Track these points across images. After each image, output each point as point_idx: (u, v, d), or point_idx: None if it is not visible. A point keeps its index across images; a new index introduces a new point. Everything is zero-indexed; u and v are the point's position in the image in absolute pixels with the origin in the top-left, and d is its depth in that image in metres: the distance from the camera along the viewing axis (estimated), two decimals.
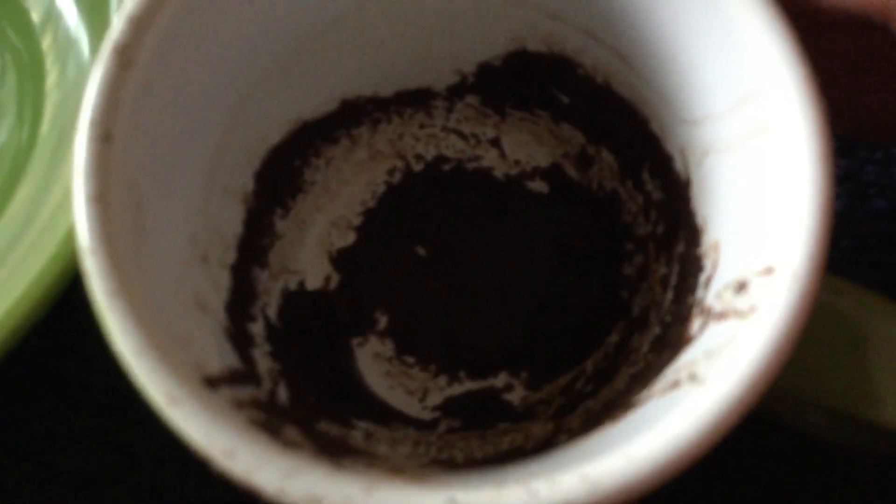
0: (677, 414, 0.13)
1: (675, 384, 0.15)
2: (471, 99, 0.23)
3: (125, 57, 0.14)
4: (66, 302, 0.20)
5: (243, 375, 0.16)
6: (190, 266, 0.17)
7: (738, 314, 0.14)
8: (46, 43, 0.26)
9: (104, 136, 0.14)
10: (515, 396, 0.21)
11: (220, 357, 0.16)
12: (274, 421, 0.14)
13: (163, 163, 0.16)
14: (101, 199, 0.14)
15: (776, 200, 0.14)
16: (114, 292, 0.14)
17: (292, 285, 0.22)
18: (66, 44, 0.25)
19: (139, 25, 0.14)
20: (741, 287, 0.15)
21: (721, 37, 0.15)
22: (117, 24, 0.14)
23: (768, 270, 0.14)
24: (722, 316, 0.15)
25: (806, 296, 0.13)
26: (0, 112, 0.26)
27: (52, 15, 0.26)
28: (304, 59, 0.20)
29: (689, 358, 0.15)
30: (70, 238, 0.21)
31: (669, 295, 0.19)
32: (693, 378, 0.14)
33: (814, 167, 0.14)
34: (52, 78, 0.25)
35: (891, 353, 0.17)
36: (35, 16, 0.26)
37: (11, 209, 0.24)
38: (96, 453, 0.23)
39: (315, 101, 0.21)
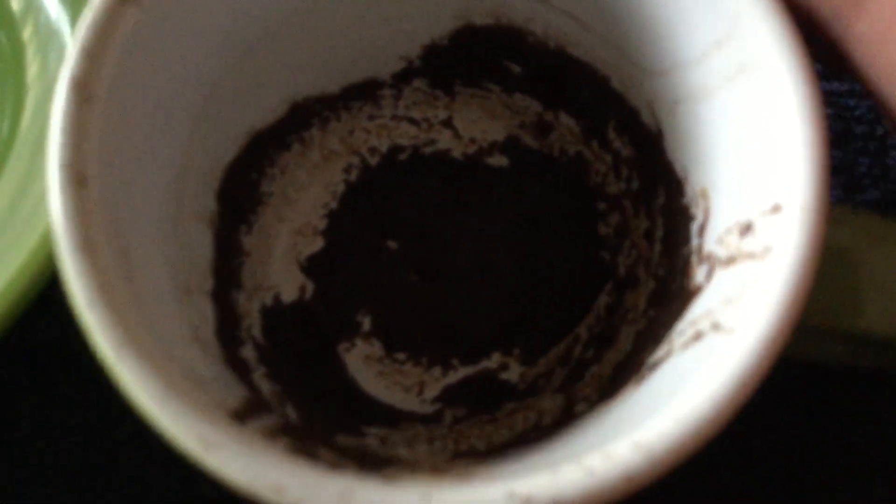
0: (713, 366, 0.13)
1: (697, 336, 0.15)
2: (418, 83, 0.22)
3: (85, 91, 0.13)
4: (47, 298, 0.20)
5: (258, 404, 0.16)
6: (178, 301, 0.16)
7: (750, 256, 0.14)
8: (27, 33, 0.25)
9: (79, 179, 0.13)
10: (513, 374, 0.21)
11: (232, 390, 0.15)
12: (308, 444, 0.14)
13: (136, 198, 0.15)
14: (89, 247, 0.13)
15: (769, 138, 0.14)
16: (121, 343, 0.13)
17: (268, 301, 0.21)
18: (47, 35, 0.24)
19: (94, 57, 0.13)
20: (746, 229, 0.15)
21: None
22: (72, 56, 0.13)
23: (775, 209, 0.14)
24: (730, 261, 0.15)
25: (818, 229, 0.14)
26: None
27: (32, 5, 0.25)
28: (249, 69, 0.19)
29: (705, 307, 0.15)
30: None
31: (658, 248, 0.19)
32: (717, 327, 0.14)
33: (802, 101, 0.14)
34: (33, 70, 0.24)
35: (872, 264, 0.17)
36: (15, 5, 0.26)
37: None
38: (80, 451, 0.22)
39: (264, 110, 0.20)
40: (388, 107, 0.23)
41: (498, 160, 0.23)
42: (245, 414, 0.14)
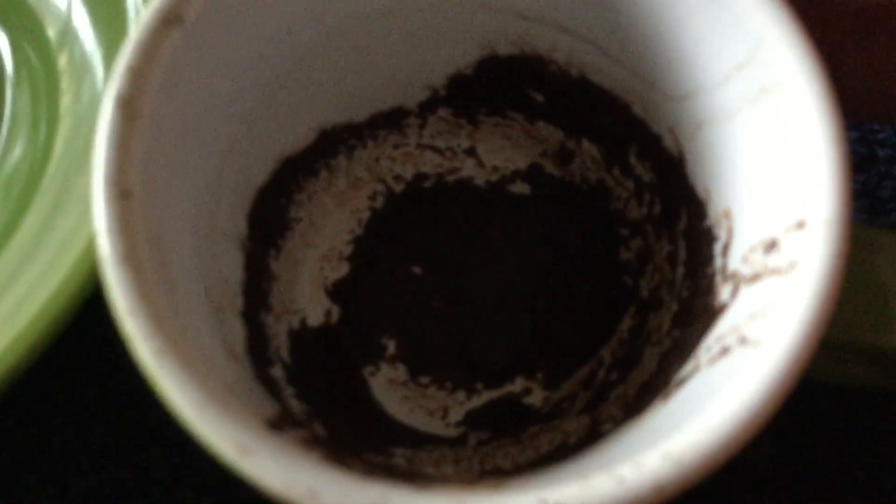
0: (741, 377, 0.13)
1: (724, 351, 0.15)
2: (442, 112, 0.23)
3: (130, 109, 0.14)
4: (83, 319, 0.20)
5: (290, 417, 0.16)
6: (212, 317, 0.16)
7: (776, 272, 0.15)
8: (63, 61, 0.26)
9: (123, 193, 0.13)
10: (536, 399, 0.21)
11: (264, 403, 0.16)
12: (340, 455, 0.14)
13: (174, 215, 0.15)
14: (131, 258, 0.13)
15: (792, 156, 0.15)
16: (161, 351, 0.13)
17: (295, 325, 0.21)
18: (81, 64, 0.25)
19: (139, 75, 0.14)
20: (771, 246, 0.15)
21: (710, 11, 0.16)
22: (117, 75, 0.14)
23: (799, 225, 0.14)
24: (756, 278, 0.15)
25: (842, 243, 0.14)
26: (16, 126, 0.26)
27: (68, 33, 0.26)
28: (282, 96, 0.19)
29: (730, 324, 0.15)
30: (88, 255, 0.21)
31: (681, 270, 0.19)
32: (744, 342, 0.15)
33: (825, 119, 0.14)
34: (67, 99, 0.25)
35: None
36: (51, 32, 0.26)
37: (27, 224, 0.23)
38: (112, 471, 0.22)
39: (294, 136, 0.21)
40: (413, 136, 0.23)
41: (520, 188, 0.23)
42: (279, 424, 0.14)
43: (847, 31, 0.21)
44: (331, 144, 0.22)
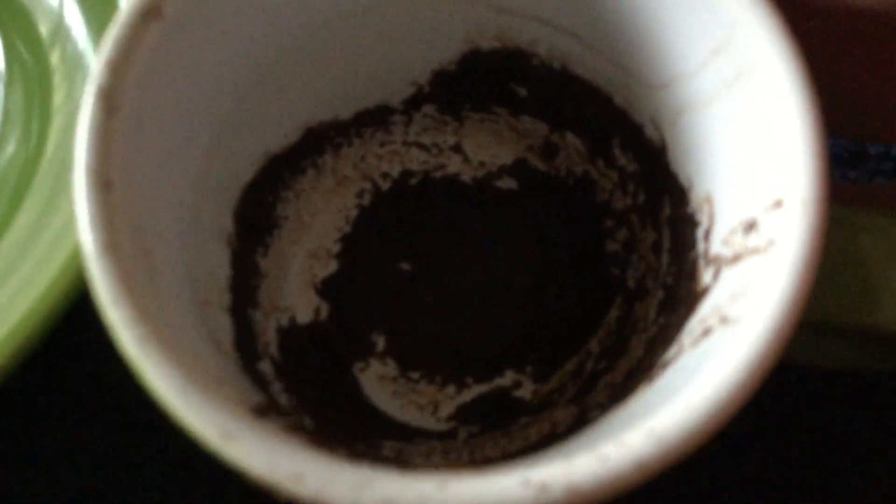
0: (722, 355, 0.14)
1: (706, 332, 0.15)
2: (427, 109, 0.23)
3: (111, 101, 0.14)
4: (75, 315, 0.20)
5: (276, 407, 0.16)
6: (197, 309, 0.16)
7: (755, 251, 0.15)
8: (55, 58, 0.26)
9: (104, 183, 0.14)
10: (526, 391, 0.21)
11: (250, 393, 0.16)
12: (326, 441, 0.14)
13: (158, 207, 0.15)
14: (113, 248, 0.13)
15: (769, 138, 0.15)
16: (144, 338, 0.13)
17: (284, 322, 0.21)
18: (74, 60, 0.25)
19: (118, 68, 0.14)
20: (750, 227, 0.15)
21: None
22: (97, 68, 0.14)
23: (777, 204, 0.14)
24: (736, 259, 0.16)
25: (820, 220, 0.14)
26: (8, 123, 0.26)
27: (60, 30, 0.26)
28: (265, 92, 0.19)
29: (712, 305, 0.16)
30: (80, 252, 0.21)
31: (665, 258, 0.19)
32: (725, 321, 0.15)
33: (800, 100, 0.15)
34: (59, 95, 0.25)
35: (884, 255, 0.17)
36: (44, 30, 0.26)
37: (20, 221, 0.23)
38: (106, 469, 0.23)
39: (280, 133, 0.21)
40: (399, 133, 0.23)
41: (507, 183, 0.23)
42: (265, 411, 0.14)
43: (840, 36, 0.21)
44: (317, 142, 0.22)
